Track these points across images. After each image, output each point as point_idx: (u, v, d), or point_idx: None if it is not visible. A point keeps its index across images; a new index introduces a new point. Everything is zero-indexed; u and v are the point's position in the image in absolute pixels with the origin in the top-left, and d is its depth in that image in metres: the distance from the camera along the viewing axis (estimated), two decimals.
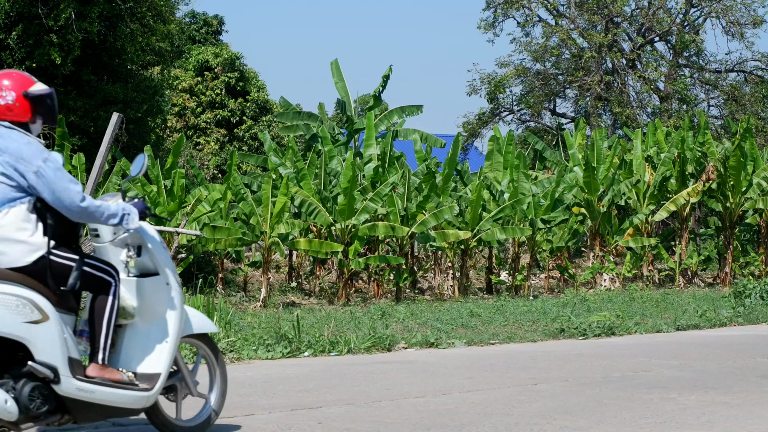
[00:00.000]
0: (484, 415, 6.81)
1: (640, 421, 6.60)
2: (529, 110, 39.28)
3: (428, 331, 12.69)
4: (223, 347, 10.06)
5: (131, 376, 5.62)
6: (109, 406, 5.49)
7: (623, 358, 10.27)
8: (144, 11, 19.60)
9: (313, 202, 19.11)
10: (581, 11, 37.56)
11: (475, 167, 29.65)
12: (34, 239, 5.36)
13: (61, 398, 5.30)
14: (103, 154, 14.69)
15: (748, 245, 25.97)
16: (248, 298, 18.77)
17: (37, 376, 5.22)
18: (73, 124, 18.04)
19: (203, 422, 6.11)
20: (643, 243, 22.95)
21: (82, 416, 5.45)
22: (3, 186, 5.35)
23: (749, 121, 25.07)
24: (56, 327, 5.28)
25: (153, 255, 5.79)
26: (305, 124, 23.77)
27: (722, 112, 38.45)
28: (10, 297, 5.17)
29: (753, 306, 16.74)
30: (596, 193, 22.52)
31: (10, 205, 5.35)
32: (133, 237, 5.76)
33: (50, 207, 5.41)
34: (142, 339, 5.74)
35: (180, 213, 17.89)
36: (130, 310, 5.71)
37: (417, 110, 24.16)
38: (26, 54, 17.47)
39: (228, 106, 32.79)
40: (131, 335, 5.73)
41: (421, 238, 20.38)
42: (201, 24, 37.76)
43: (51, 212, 5.42)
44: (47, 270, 5.36)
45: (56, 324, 5.29)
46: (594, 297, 19.08)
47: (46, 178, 5.34)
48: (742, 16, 37.38)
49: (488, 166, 23.40)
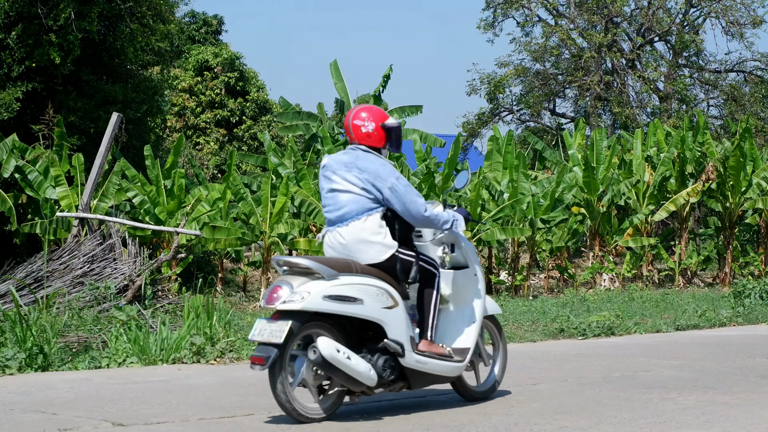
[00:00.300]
0: (483, 415, 6.81)
1: (640, 421, 6.60)
2: (529, 110, 39.28)
3: None
4: (223, 347, 10.06)
5: (450, 351, 6.94)
6: (434, 375, 6.85)
7: (623, 358, 10.27)
8: (144, 11, 19.58)
9: (312, 202, 19.11)
10: (581, 11, 37.56)
11: (474, 167, 29.65)
12: (387, 241, 6.71)
13: (403, 369, 6.68)
14: (102, 154, 14.71)
15: (748, 245, 25.98)
16: (248, 298, 18.77)
17: (388, 350, 6.60)
18: (73, 124, 18.03)
19: (489, 388, 7.49)
20: (642, 243, 22.95)
21: (416, 383, 6.82)
22: (363, 198, 6.72)
23: (749, 121, 25.07)
24: (403, 311, 6.67)
25: (464, 251, 7.18)
26: (305, 124, 23.76)
27: (722, 112, 38.45)
28: (372, 288, 6.55)
29: (752, 306, 16.74)
30: (596, 193, 22.52)
31: (368, 214, 6.72)
32: (448, 236, 7.13)
33: (396, 215, 6.80)
34: (454, 320, 7.12)
35: (180, 213, 17.89)
36: (446, 297, 7.12)
37: (416, 110, 24.14)
38: (26, 54, 17.45)
39: (227, 106, 32.80)
40: (445, 317, 7.11)
41: None
42: (201, 24, 37.77)
43: (397, 219, 6.82)
44: (396, 265, 6.73)
45: (403, 309, 6.68)
46: (593, 297, 19.08)
47: (398, 192, 6.71)
48: (742, 16, 37.40)
49: (488, 166, 23.40)
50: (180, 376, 8.83)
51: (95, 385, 8.16)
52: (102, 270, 12.64)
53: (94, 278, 12.35)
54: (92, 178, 14.51)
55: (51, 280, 12.34)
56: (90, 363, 9.42)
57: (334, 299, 6.39)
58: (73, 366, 9.30)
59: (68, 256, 12.89)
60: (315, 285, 6.38)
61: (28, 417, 6.68)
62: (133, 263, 12.74)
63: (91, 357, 9.55)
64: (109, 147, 14.63)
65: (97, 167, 14.56)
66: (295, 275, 6.53)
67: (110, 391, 7.82)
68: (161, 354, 9.75)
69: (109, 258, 12.89)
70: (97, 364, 9.45)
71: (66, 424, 6.38)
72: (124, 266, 12.67)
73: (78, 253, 12.90)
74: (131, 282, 12.29)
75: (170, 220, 17.75)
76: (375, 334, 6.62)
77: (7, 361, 8.96)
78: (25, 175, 17.14)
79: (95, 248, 12.97)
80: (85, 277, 12.41)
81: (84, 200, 14.26)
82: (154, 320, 10.95)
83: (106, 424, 6.44)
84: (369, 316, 6.50)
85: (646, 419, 6.68)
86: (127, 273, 12.46)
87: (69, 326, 10.41)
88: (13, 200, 17.14)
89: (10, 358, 8.98)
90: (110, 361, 9.54)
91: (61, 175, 17.05)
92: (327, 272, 6.44)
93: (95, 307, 11.53)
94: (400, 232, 6.83)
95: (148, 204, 17.86)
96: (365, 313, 6.48)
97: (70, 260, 12.78)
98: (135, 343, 9.76)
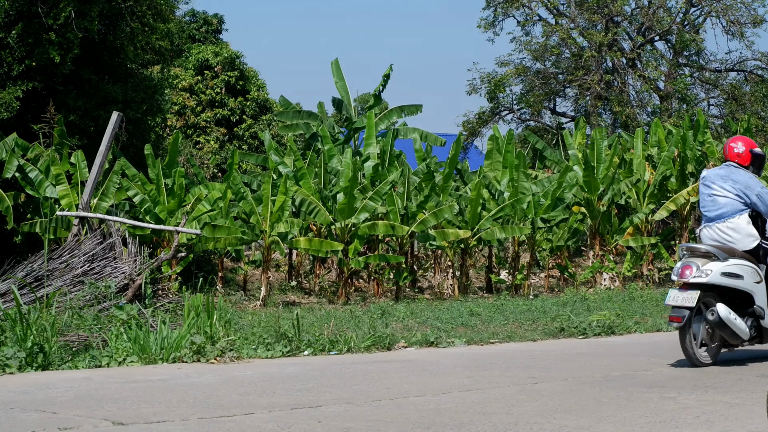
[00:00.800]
0: (483, 414, 6.80)
1: (640, 420, 6.59)
2: (529, 109, 39.24)
3: (428, 330, 12.68)
4: (223, 346, 10.06)
5: None
6: None
7: (623, 357, 10.27)
8: (144, 10, 19.56)
9: (313, 201, 19.10)
10: (581, 10, 37.53)
11: (474, 166, 29.61)
12: (754, 233, 9.50)
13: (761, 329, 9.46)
14: (103, 153, 14.72)
15: None
16: (248, 297, 18.76)
17: (755, 314, 9.38)
18: (73, 124, 18.01)
19: None
20: (643, 242, 22.94)
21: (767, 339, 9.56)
22: (736, 202, 9.54)
23: (749, 121, 25.09)
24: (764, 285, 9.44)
25: None
26: (305, 123, 23.75)
27: (722, 112, 38.42)
28: (748, 267, 9.35)
29: None
30: (596, 192, 22.51)
31: (739, 214, 9.54)
32: None
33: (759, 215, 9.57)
34: None
35: (180, 212, 17.88)
36: None
37: (416, 110, 24.14)
38: (26, 53, 17.43)
39: (228, 105, 32.78)
40: None
41: (420, 237, 20.37)
42: (201, 23, 37.73)
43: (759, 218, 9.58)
44: (759, 251, 9.51)
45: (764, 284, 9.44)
46: (594, 296, 19.07)
47: (763, 199, 9.52)
48: (742, 16, 37.35)
49: (488, 165, 23.38)
50: (180, 375, 8.83)
51: (95, 384, 8.16)
52: (102, 269, 12.64)
53: (95, 277, 12.35)
54: (92, 177, 14.51)
55: (51, 279, 12.34)
56: (90, 362, 9.42)
57: (727, 275, 9.19)
58: (73, 365, 9.30)
59: (68, 255, 12.89)
60: (714, 265, 9.21)
61: (28, 416, 6.68)
62: (133, 262, 12.74)
63: (91, 356, 9.55)
64: (109, 146, 14.63)
65: (98, 166, 14.57)
66: (696, 257, 9.34)
67: (110, 390, 7.82)
68: (161, 353, 9.75)
69: (109, 257, 12.89)
70: (97, 363, 9.45)
71: (66, 423, 6.38)
72: (124, 265, 12.67)
73: (78, 252, 12.90)
74: (131, 281, 12.29)
75: (170, 219, 17.74)
76: (741, 302, 9.34)
77: (8, 360, 8.96)
78: (26, 173, 17.14)
79: (95, 247, 12.97)
80: (85, 276, 12.41)
81: (84, 199, 14.26)
82: (155, 319, 10.95)
83: (106, 423, 6.43)
84: (746, 288, 9.29)
85: (646, 418, 6.67)
86: (127, 272, 12.46)
87: (69, 325, 10.42)
88: (12, 200, 17.14)
89: (11, 357, 8.98)
90: (110, 360, 9.54)
91: (61, 173, 17.04)
92: (722, 255, 9.26)
93: (95, 306, 11.53)
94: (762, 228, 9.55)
95: (149, 203, 17.86)
96: (744, 286, 9.29)
97: (71, 259, 12.78)
98: (135, 342, 9.76)
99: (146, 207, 17.83)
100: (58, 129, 17.14)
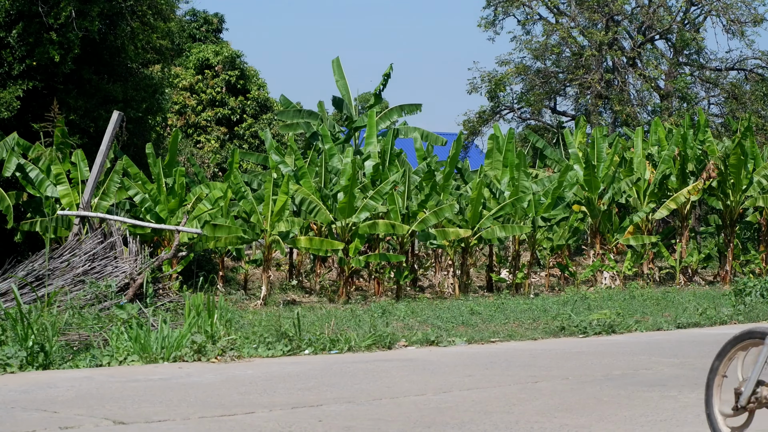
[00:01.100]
0: (484, 413, 6.81)
1: (641, 419, 6.59)
2: (530, 108, 39.24)
3: (429, 329, 12.69)
4: (224, 345, 10.07)
5: None
6: None
7: (623, 356, 10.27)
8: (144, 9, 19.57)
9: (313, 200, 19.10)
10: (582, 9, 37.52)
11: (475, 165, 29.62)
12: None
13: None
14: (103, 153, 14.71)
15: (749, 243, 25.96)
16: (249, 296, 18.77)
17: None
18: (74, 123, 18.02)
19: None
20: (643, 241, 22.95)
21: None
22: None
23: (750, 120, 25.07)
24: None
25: None
26: (305, 122, 23.76)
27: (722, 111, 38.41)
28: None
29: (753, 304, 16.73)
30: (597, 191, 22.52)
31: None
32: None
33: None
34: None
35: (180, 211, 17.89)
36: None
37: (416, 109, 24.15)
38: (26, 52, 17.45)
39: (228, 104, 32.78)
40: None
41: (421, 236, 20.38)
42: (201, 22, 37.73)
43: None
44: None
45: None
46: (594, 295, 19.07)
47: None
48: (743, 14, 37.34)
49: (488, 164, 23.39)
50: (181, 374, 8.84)
51: (96, 384, 8.16)
52: (103, 268, 12.63)
53: (95, 276, 12.35)
54: (93, 176, 14.51)
55: (52, 279, 12.34)
56: (91, 361, 9.43)
57: None
58: (74, 364, 9.30)
59: (69, 255, 12.89)
60: None
61: (29, 415, 6.68)
62: (134, 261, 12.74)
63: (92, 355, 9.56)
64: (109, 145, 14.63)
65: (98, 166, 14.56)
66: None
67: (111, 390, 7.82)
68: (162, 352, 9.75)
69: (110, 256, 12.88)
70: (98, 362, 9.45)
71: (67, 422, 6.38)
72: (125, 264, 12.66)
73: (79, 252, 12.89)
74: (132, 280, 12.29)
75: (171, 218, 17.75)
76: None
77: (8, 359, 8.96)
78: (26, 173, 17.14)
79: (96, 246, 12.97)
80: (86, 275, 12.41)
81: (85, 198, 14.26)
82: (155, 318, 10.95)
83: (107, 422, 6.43)
84: None
85: (646, 417, 6.67)
86: (128, 271, 12.46)
87: (70, 324, 10.42)
88: (13, 199, 17.14)
89: (11, 356, 8.98)
90: (111, 359, 9.54)
91: (62, 173, 17.05)
92: None
93: (96, 306, 11.53)
94: None
95: (149, 202, 17.86)
96: None
97: (71, 258, 12.78)
98: (136, 341, 9.76)
99: (147, 206, 17.84)
100: (59, 128, 17.14)
